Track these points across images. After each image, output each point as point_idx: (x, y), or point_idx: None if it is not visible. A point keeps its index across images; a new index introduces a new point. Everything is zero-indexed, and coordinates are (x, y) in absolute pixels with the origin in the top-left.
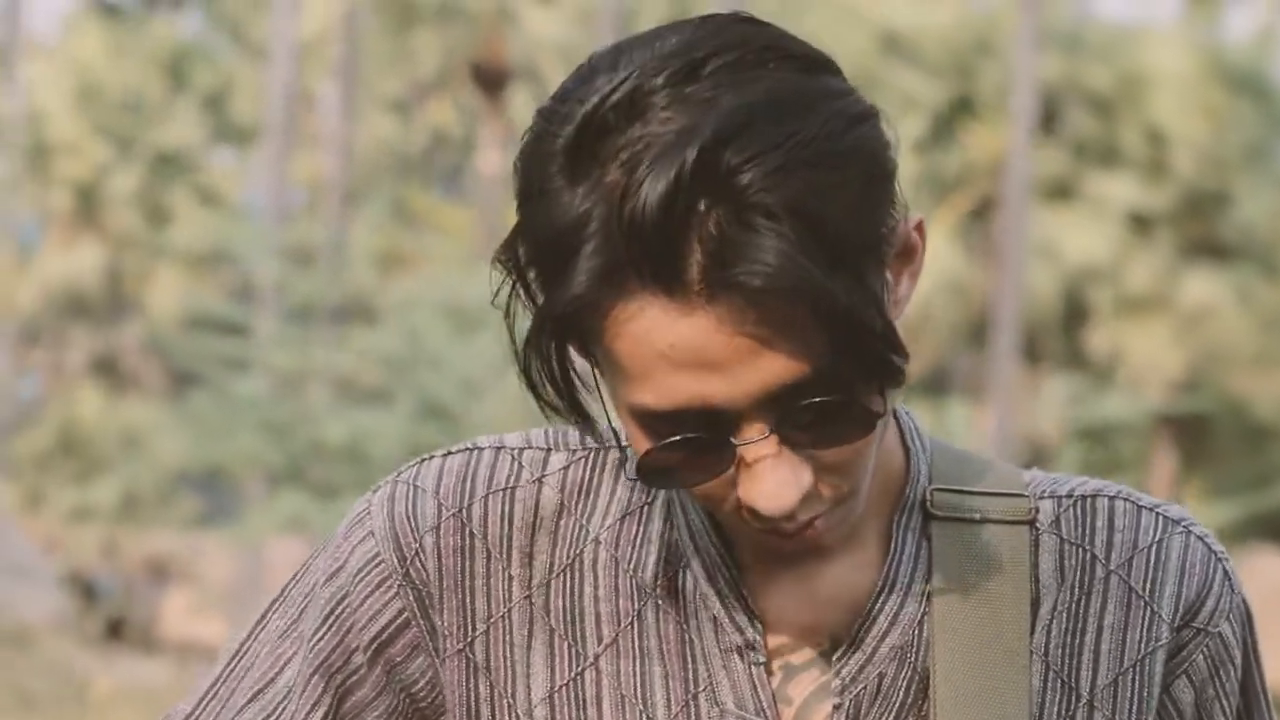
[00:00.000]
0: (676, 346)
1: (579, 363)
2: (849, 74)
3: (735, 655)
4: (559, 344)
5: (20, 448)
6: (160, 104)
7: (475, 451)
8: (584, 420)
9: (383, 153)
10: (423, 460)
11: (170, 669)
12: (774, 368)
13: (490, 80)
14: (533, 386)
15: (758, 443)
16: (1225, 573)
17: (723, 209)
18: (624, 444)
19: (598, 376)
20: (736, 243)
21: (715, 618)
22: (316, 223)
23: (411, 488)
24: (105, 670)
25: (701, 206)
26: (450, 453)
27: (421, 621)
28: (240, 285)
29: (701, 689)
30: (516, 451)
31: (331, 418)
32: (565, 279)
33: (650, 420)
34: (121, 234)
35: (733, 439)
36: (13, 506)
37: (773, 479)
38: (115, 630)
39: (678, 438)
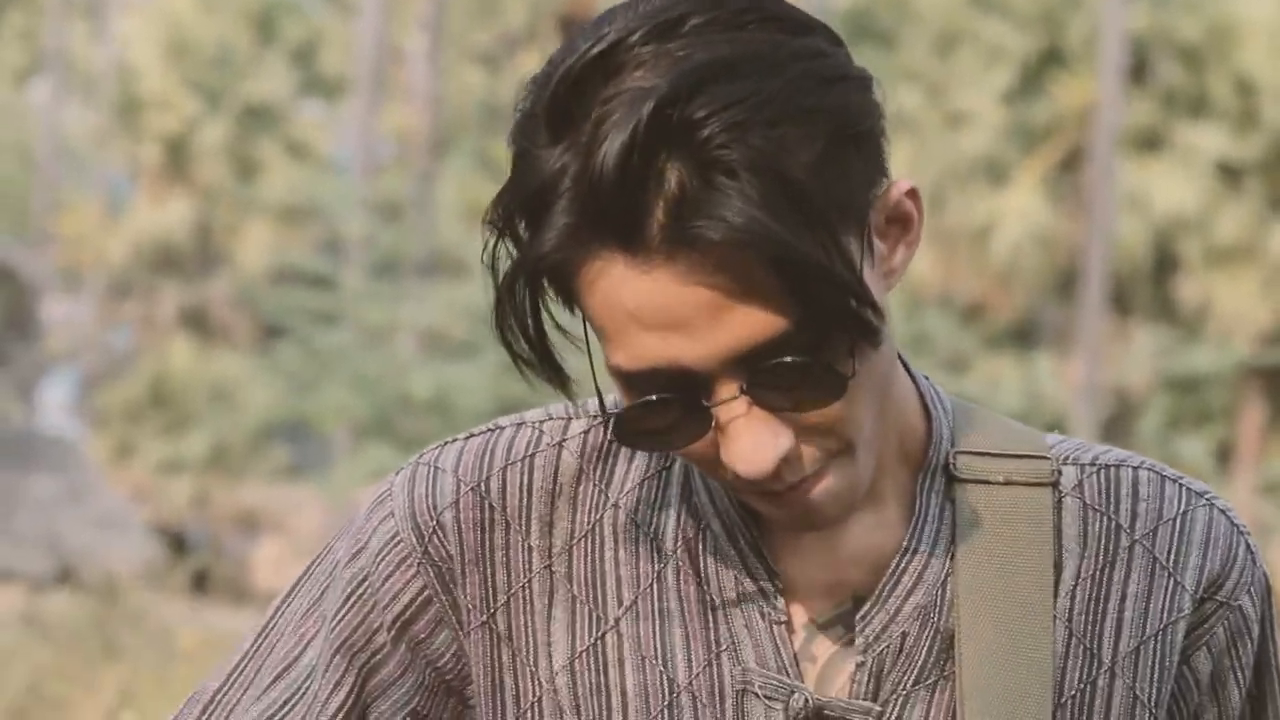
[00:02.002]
0: (643, 306)
1: (568, 323)
2: (937, 27)
3: (757, 614)
4: (532, 299)
5: (111, 399)
6: (249, 57)
7: (497, 430)
8: (557, 376)
9: (471, 105)
10: (445, 443)
11: (258, 619)
12: (740, 326)
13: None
14: (506, 342)
15: (729, 403)
16: (1248, 547)
17: (683, 164)
18: (604, 405)
19: (588, 333)
20: (696, 198)
21: (736, 578)
22: (404, 176)
23: (431, 469)
24: (192, 621)
25: (660, 162)
26: (473, 434)
27: (444, 597)
28: (328, 239)
29: (723, 648)
30: (536, 423)
31: (418, 371)
32: (540, 235)
33: (627, 381)
34: (211, 187)
35: (705, 400)
36: (103, 458)
37: (748, 440)
38: (202, 581)
39: (650, 398)
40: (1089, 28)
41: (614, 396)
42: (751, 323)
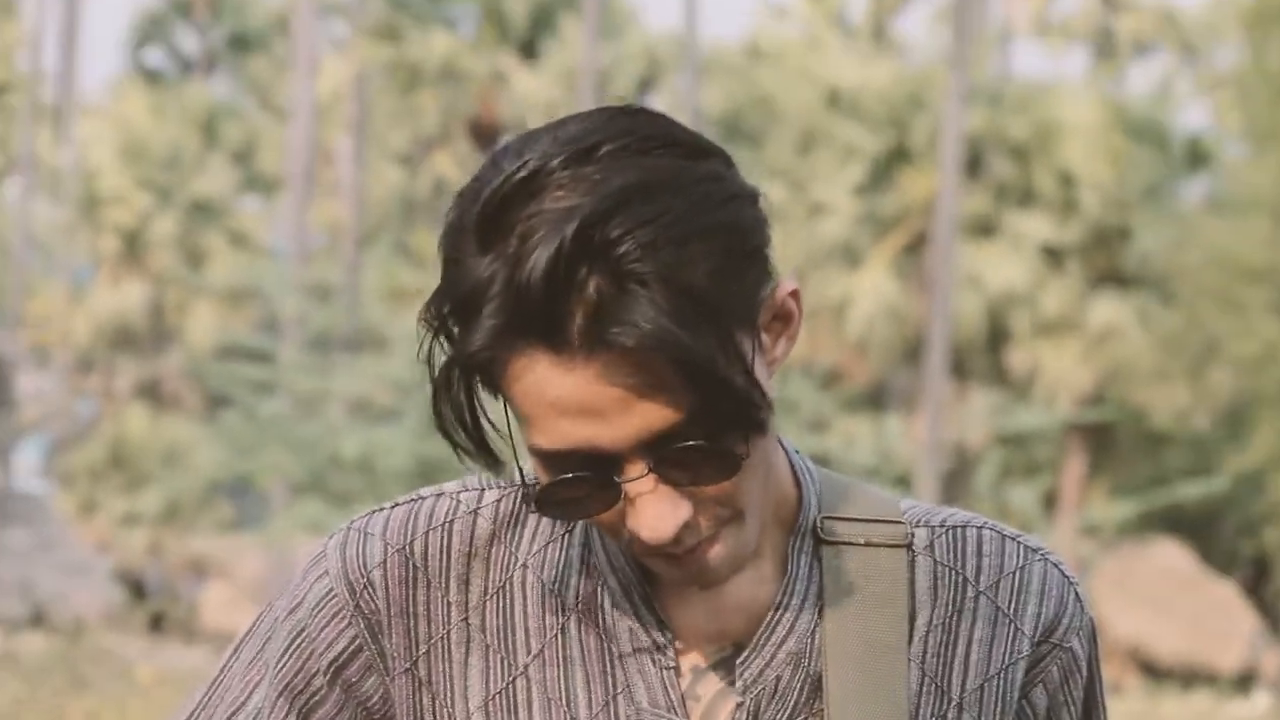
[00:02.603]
0: (562, 397)
1: (491, 411)
2: (798, 127)
3: (648, 660)
4: (467, 390)
5: (76, 461)
6: (195, 158)
7: (419, 500)
8: (491, 460)
9: (392, 199)
10: (374, 511)
11: (208, 655)
12: (647, 416)
13: (485, 134)
14: (445, 431)
15: (637, 480)
16: (1077, 595)
17: (601, 276)
18: (530, 482)
19: (509, 419)
20: (612, 306)
21: (630, 628)
22: (334, 262)
23: (362, 534)
24: (150, 657)
25: (582, 274)
26: (398, 503)
27: (372, 646)
28: (267, 318)
29: (619, 691)
30: (454, 493)
31: (347, 434)
32: (471, 334)
33: (546, 459)
34: (163, 273)
35: (616, 477)
36: (70, 513)
37: (652, 512)
38: (158, 622)
39: (568, 476)
40: (931, 128)
41: (530, 468)
42: (658, 413)
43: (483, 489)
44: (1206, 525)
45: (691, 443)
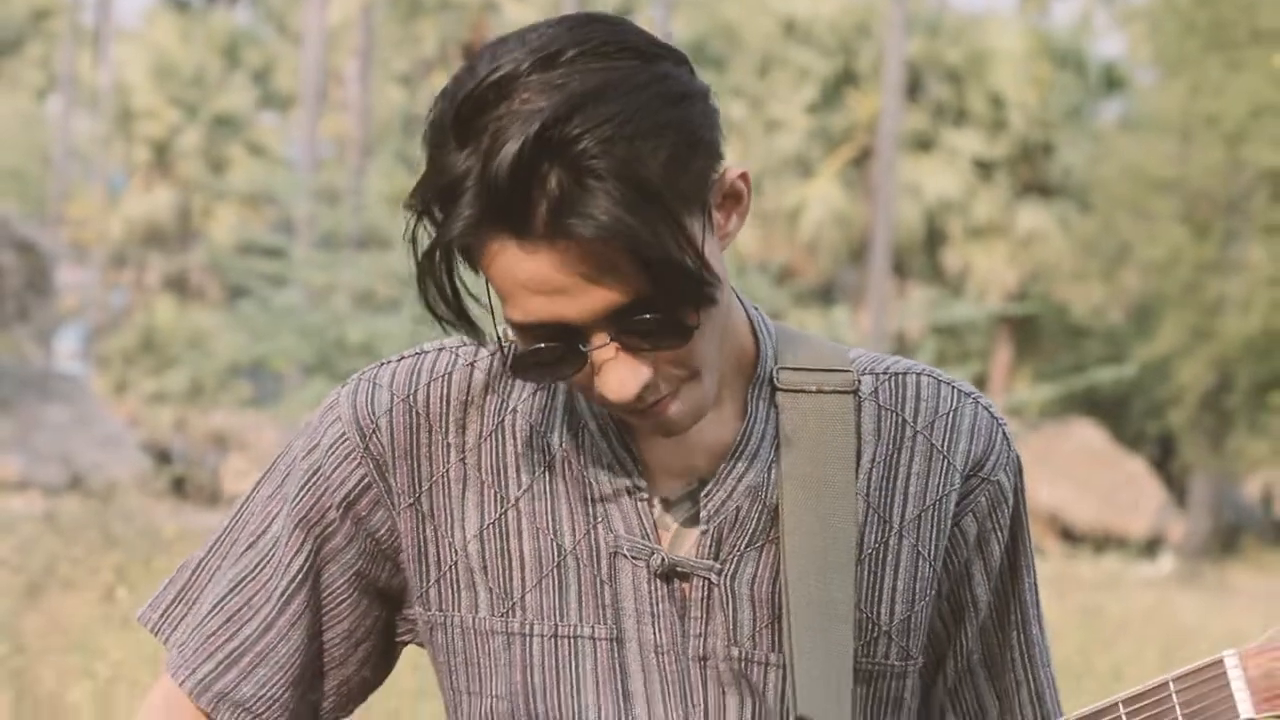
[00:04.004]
0: (530, 279)
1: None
2: (757, 53)
3: (625, 494)
4: (448, 269)
5: (110, 346)
6: (219, 78)
7: (422, 354)
8: (472, 329)
9: (393, 115)
10: (381, 363)
11: (233, 505)
12: (607, 294)
13: None
14: (428, 304)
15: (601, 349)
16: (1005, 435)
17: (561, 171)
18: (504, 345)
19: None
20: (571, 199)
21: (609, 465)
22: (341, 170)
23: (371, 384)
24: (174, 518)
25: (544, 169)
26: (403, 357)
27: (380, 484)
28: (281, 219)
29: (599, 520)
30: (454, 348)
31: (352, 322)
32: (450, 221)
33: (520, 331)
34: (189, 180)
35: (582, 346)
36: (104, 391)
37: (615, 376)
38: (181, 486)
39: (539, 345)
40: (876, 54)
41: (498, 330)
42: (615, 293)
43: (479, 345)
44: (1118, 407)
45: (647, 315)
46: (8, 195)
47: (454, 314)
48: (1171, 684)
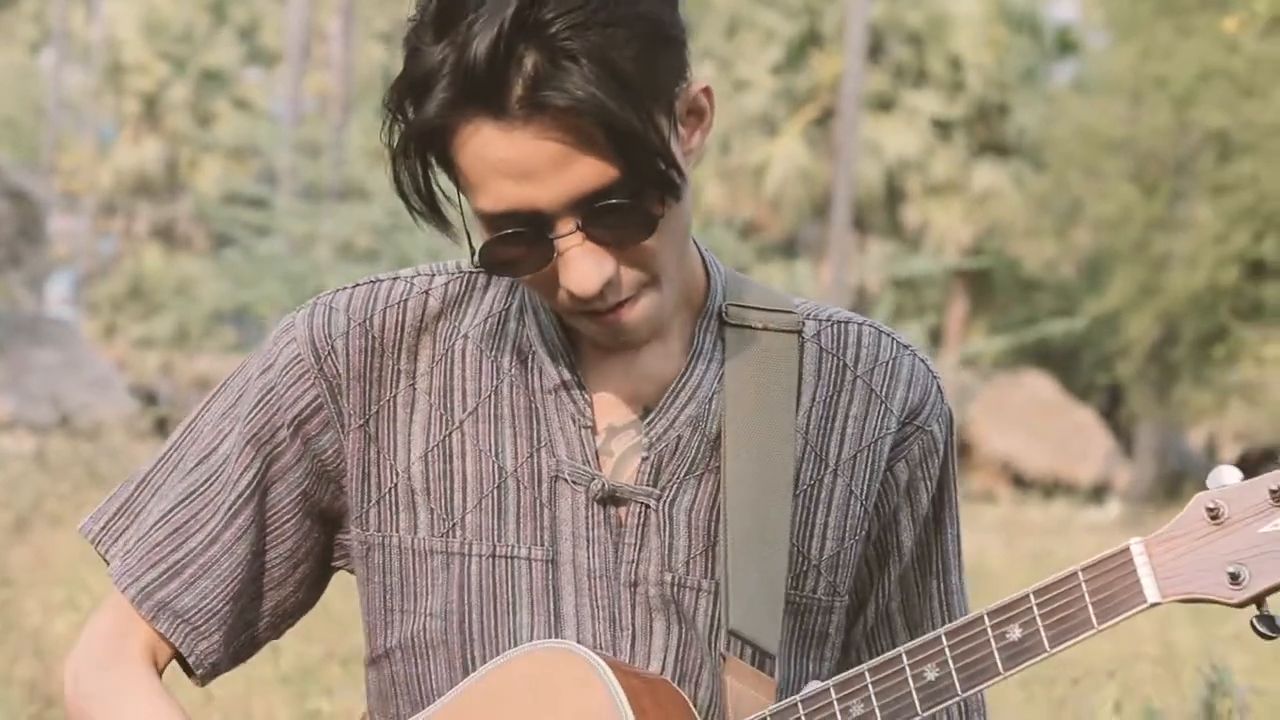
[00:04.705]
0: (504, 160)
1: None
2: (725, 15)
3: (569, 419)
4: (421, 159)
5: (100, 292)
6: (206, 34)
7: (378, 282)
8: (441, 222)
9: (374, 72)
10: (338, 290)
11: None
12: (578, 174)
13: None
14: (403, 196)
15: (567, 236)
16: (939, 388)
17: (537, 52)
18: (472, 248)
19: (461, 207)
20: (546, 76)
21: (555, 391)
22: (323, 125)
23: (328, 308)
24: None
25: (520, 50)
26: (359, 284)
27: (331, 405)
28: (265, 170)
29: (543, 445)
30: (409, 277)
31: (332, 271)
32: (424, 109)
33: (489, 221)
34: (177, 132)
35: (549, 234)
36: (94, 336)
37: (580, 265)
38: (164, 426)
39: (508, 231)
40: (839, 17)
41: (468, 229)
42: (587, 172)
43: (433, 274)
44: (1069, 359)
45: (615, 200)
46: (2, 145)
47: (426, 205)
48: (1080, 574)
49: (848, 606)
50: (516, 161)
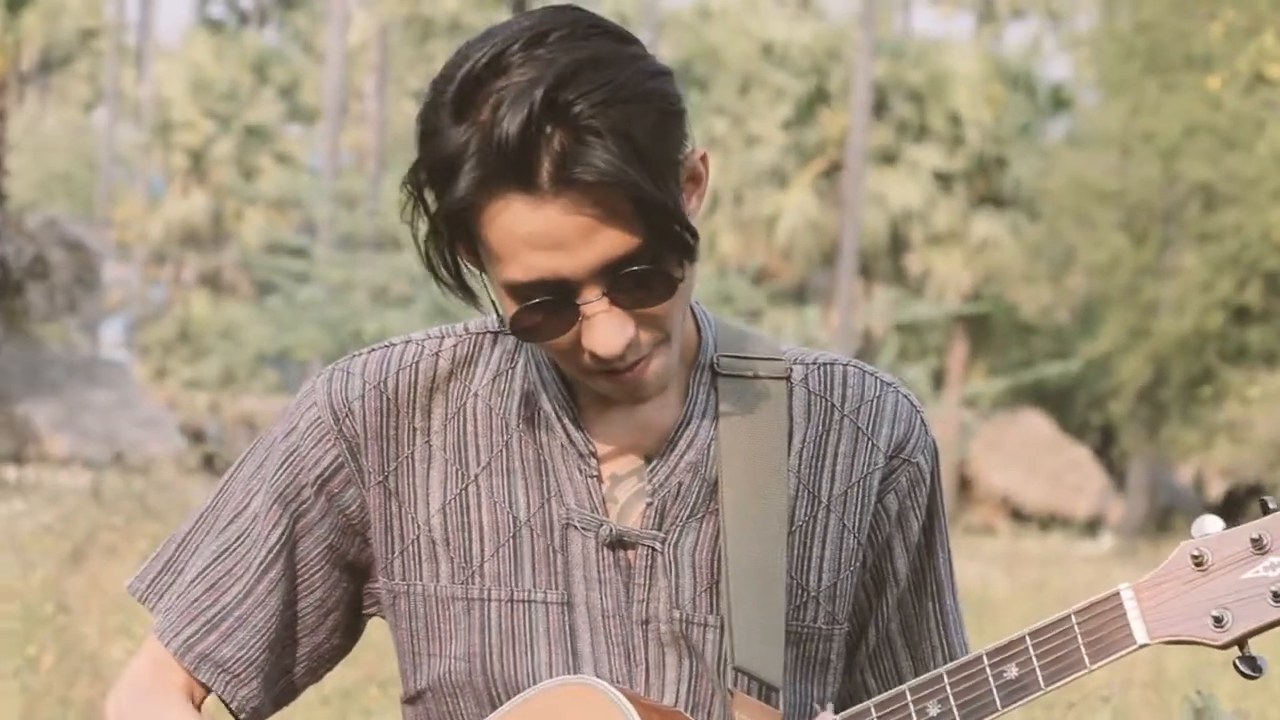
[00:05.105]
0: (534, 233)
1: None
2: (738, 74)
3: (576, 470)
4: (450, 236)
5: (151, 336)
6: (249, 93)
7: (391, 346)
8: (468, 294)
9: (408, 128)
10: (353, 355)
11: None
12: (605, 243)
13: None
14: (432, 269)
15: (594, 302)
16: (922, 421)
17: (564, 131)
18: (499, 314)
19: (483, 276)
20: (574, 153)
21: (562, 444)
22: (359, 178)
23: (345, 373)
24: (206, 492)
25: (548, 130)
26: (374, 349)
27: (352, 463)
28: (305, 221)
29: (553, 495)
30: (420, 340)
31: (368, 316)
32: (452, 189)
33: (516, 291)
34: (222, 186)
35: (576, 300)
36: (145, 378)
37: (605, 329)
38: (211, 462)
39: (537, 300)
40: (845, 76)
41: (492, 299)
42: (612, 241)
43: (442, 337)
44: (1064, 399)
45: (639, 267)
46: (58, 198)
47: (453, 279)
48: (1073, 616)
49: (849, 632)
50: (547, 234)
